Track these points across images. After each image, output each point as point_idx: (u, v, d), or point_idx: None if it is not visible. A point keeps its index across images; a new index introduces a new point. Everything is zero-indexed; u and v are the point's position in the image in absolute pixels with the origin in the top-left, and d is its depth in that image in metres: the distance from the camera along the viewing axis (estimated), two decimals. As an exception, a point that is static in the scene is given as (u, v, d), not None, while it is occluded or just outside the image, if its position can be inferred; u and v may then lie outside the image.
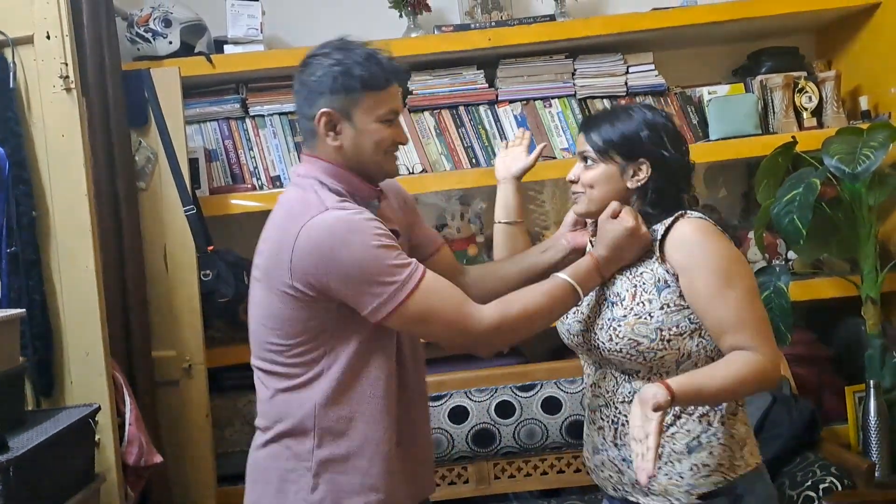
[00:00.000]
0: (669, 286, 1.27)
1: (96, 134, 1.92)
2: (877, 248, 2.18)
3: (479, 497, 2.27)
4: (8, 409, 1.45)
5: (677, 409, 1.25)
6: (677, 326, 1.26)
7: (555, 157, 2.39)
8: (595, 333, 1.31)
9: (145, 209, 2.15)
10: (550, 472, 2.25)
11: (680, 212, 1.31)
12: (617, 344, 1.27)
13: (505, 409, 2.22)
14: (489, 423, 2.22)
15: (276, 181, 2.40)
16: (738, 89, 2.49)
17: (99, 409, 1.61)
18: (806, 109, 2.44)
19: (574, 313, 1.36)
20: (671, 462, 1.28)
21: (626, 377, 1.31)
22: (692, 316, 1.26)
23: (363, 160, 1.30)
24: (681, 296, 1.26)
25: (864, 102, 2.42)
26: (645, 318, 1.26)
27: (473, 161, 2.42)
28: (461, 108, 2.42)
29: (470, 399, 2.25)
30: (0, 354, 1.45)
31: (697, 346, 1.27)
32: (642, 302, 1.27)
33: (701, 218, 1.32)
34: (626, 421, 1.23)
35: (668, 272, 1.28)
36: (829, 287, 2.31)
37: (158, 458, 1.81)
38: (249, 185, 2.39)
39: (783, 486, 1.96)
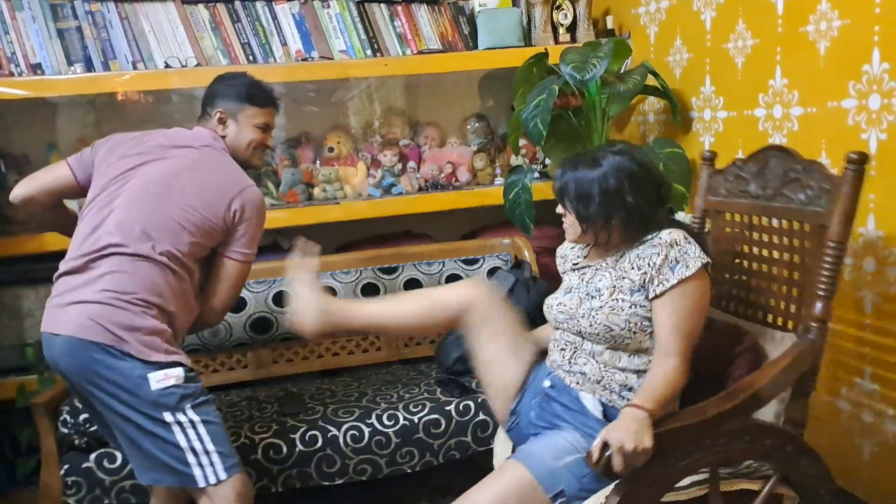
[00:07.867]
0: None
1: None
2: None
3: (259, 381, 2.59)
4: None
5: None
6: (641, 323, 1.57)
7: (332, 59, 2.65)
8: (577, 321, 1.60)
9: None
10: (326, 355, 2.59)
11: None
12: (595, 328, 1.57)
13: (281, 299, 2.53)
14: (267, 312, 2.52)
15: (36, 69, 2.42)
16: (506, 3, 2.88)
17: None
18: (562, 25, 2.88)
19: (559, 305, 1.66)
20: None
21: (594, 346, 1.62)
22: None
23: (237, 152, 1.91)
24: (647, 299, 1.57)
25: (609, 22, 2.89)
26: (617, 311, 1.56)
27: (251, 58, 2.58)
28: (237, 3, 2.54)
29: (248, 290, 2.52)
30: None
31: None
32: (616, 299, 1.58)
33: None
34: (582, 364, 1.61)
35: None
36: (573, 187, 2.82)
37: None
38: (6, 72, 2.40)
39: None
